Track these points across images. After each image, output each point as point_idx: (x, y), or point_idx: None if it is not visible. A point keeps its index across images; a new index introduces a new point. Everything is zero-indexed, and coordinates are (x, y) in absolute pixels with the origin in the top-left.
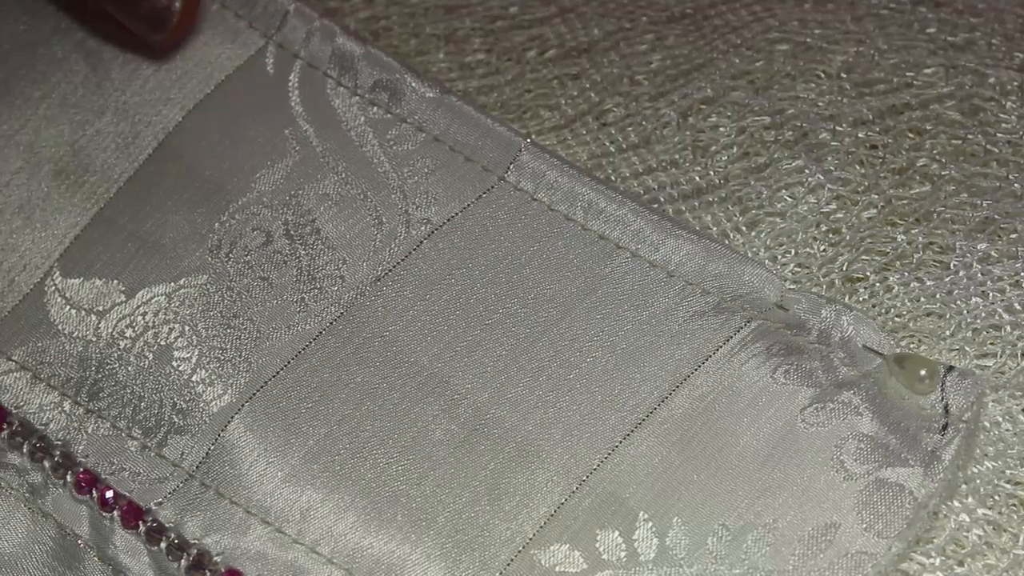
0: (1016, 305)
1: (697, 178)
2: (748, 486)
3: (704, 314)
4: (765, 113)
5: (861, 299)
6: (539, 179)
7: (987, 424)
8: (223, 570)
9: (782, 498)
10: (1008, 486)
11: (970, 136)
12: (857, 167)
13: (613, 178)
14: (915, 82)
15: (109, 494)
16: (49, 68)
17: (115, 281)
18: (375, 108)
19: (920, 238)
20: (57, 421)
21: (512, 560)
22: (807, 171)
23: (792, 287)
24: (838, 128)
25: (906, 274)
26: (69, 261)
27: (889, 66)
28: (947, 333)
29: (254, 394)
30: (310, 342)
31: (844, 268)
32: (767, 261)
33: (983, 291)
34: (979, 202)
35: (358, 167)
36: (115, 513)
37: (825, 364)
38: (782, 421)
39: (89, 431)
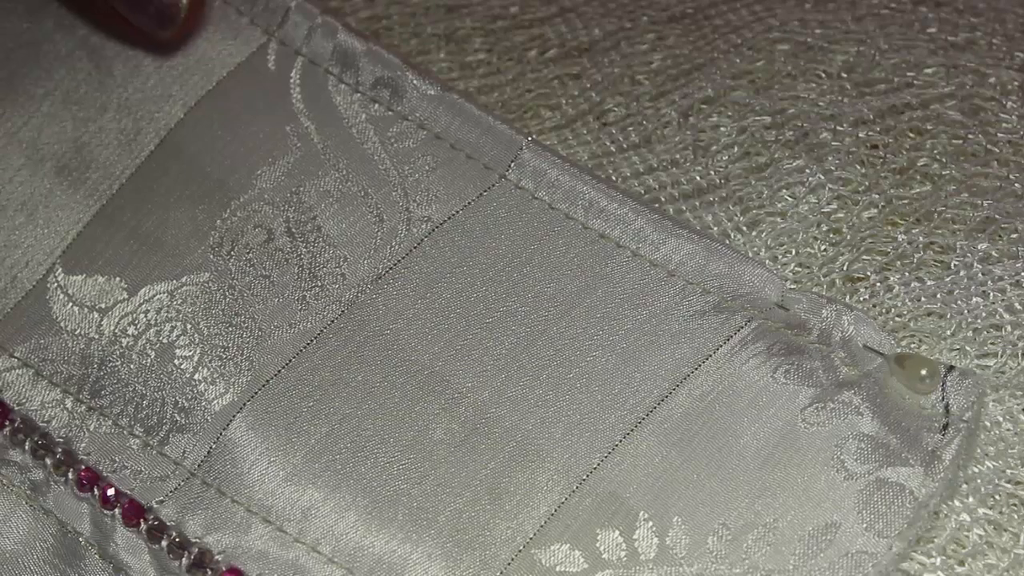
0: (1017, 305)
1: (698, 178)
2: (748, 485)
3: (704, 313)
4: (766, 113)
5: (862, 299)
6: (540, 178)
7: (988, 424)
8: (224, 569)
9: (782, 497)
10: (1009, 486)
11: (971, 136)
12: (858, 167)
13: (614, 177)
14: (916, 82)
15: (110, 492)
16: (52, 65)
17: (117, 278)
18: (376, 105)
19: (921, 238)
20: (59, 419)
21: (513, 559)
22: (808, 171)
23: (793, 287)
24: (839, 128)
25: (907, 274)
26: (71, 258)
27: (890, 66)
28: (948, 333)
29: (256, 393)
30: (311, 340)
31: (845, 268)
32: (768, 261)
33: (984, 291)
34: (980, 202)
35: (359, 164)
36: (116, 511)
37: (826, 364)
38: (782, 421)
39: (91, 429)
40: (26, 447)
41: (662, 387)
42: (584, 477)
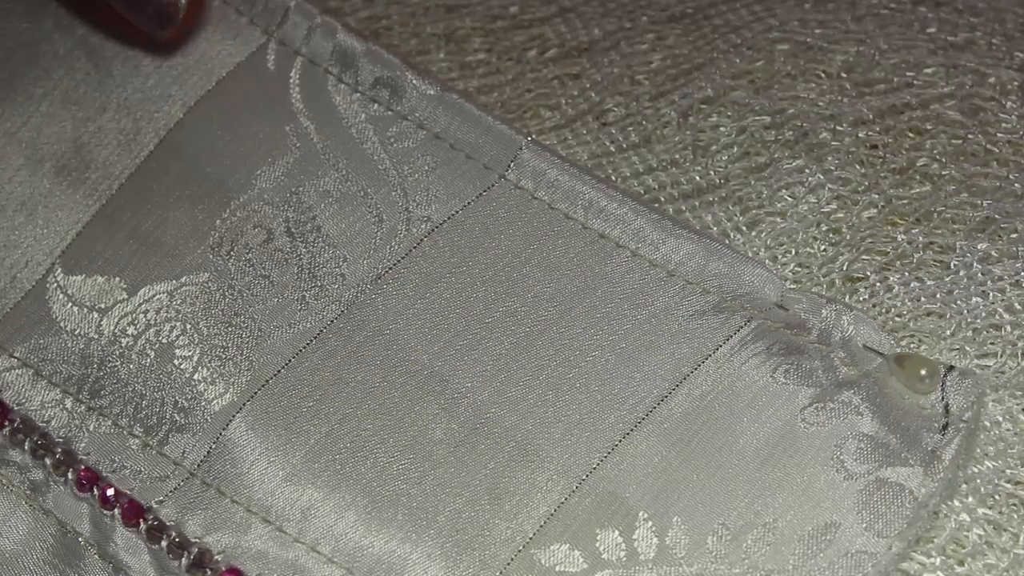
0: (1016, 305)
1: (697, 178)
2: (748, 485)
3: (704, 313)
4: (765, 113)
5: (861, 299)
6: (539, 177)
7: (987, 424)
8: (224, 569)
9: (782, 497)
10: (1008, 486)
11: (970, 136)
12: (857, 167)
13: (613, 177)
14: (915, 82)
15: (110, 492)
16: (51, 65)
17: (117, 278)
18: (376, 105)
19: (920, 238)
20: (58, 419)
21: (512, 559)
22: (807, 171)
23: (792, 287)
24: (838, 128)
25: (906, 274)
26: (71, 258)
27: (889, 66)
28: (947, 333)
29: (255, 393)
30: (311, 340)
31: (844, 268)
32: (767, 261)
33: (983, 291)
34: (979, 202)
35: (359, 164)
36: (116, 511)
37: (825, 364)
38: (782, 421)
39: (90, 429)
40: (26, 447)
41: (662, 387)
42: (584, 477)
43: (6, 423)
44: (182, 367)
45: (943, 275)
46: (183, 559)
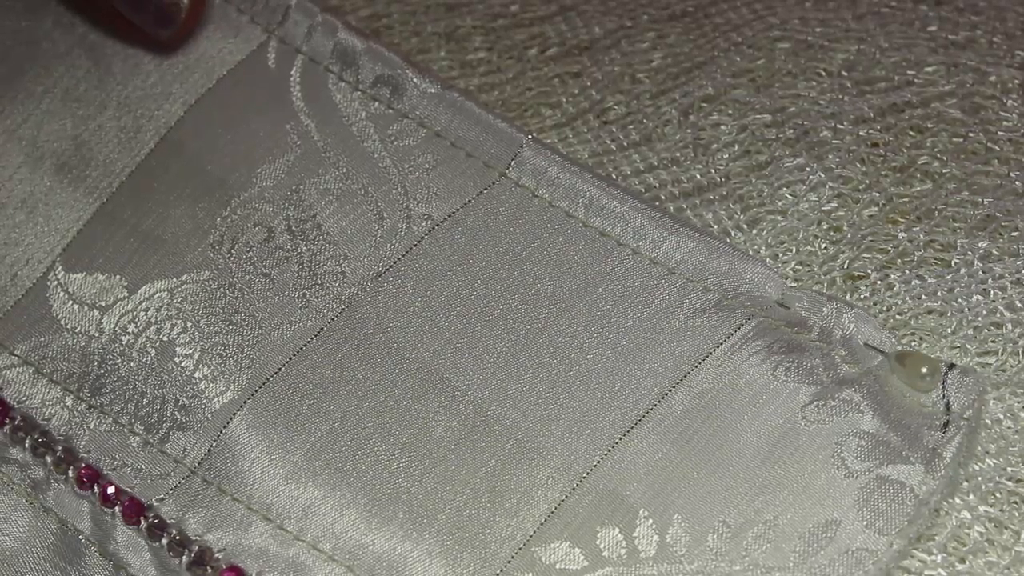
0: (1017, 303)
1: (698, 176)
2: (748, 483)
3: (705, 311)
4: (766, 111)
5: (862, 297)
6: (540, 176)
7: (988, 421)
8: (224, 567)
9: (783, 495)
10: (1009, 483)
11: (971, 134)
12: (858, 165)
13: (614, 176)
14: (916, 80)
15: (111, 490)
16: (51, 63)
17: (117, 276)
18: (376, 103)
19: (921, 236)
20: (59, 416)
21: (513, 557)
22: (808, 169)
23: (793, 285)
24: (839, 126)
25: (907, 272)
26: (72, 256)
27: (890, 64)
28: (948, 331)
29: (256, 391)
30: (311, 338)
31: (845, 266)
32: (768, 259)
33: (984, 289)
34: (980, 200)
35: (359, 162)
36: (117, 509)
37: (826, 362)
38: (783, 418)
39: (91, 427)
40: (26, 445)
41: (662, 385)
42: (584, 475)
43: (7, 421)
44: (183, 365)
45: (944, 273)
46: (184, 557)
